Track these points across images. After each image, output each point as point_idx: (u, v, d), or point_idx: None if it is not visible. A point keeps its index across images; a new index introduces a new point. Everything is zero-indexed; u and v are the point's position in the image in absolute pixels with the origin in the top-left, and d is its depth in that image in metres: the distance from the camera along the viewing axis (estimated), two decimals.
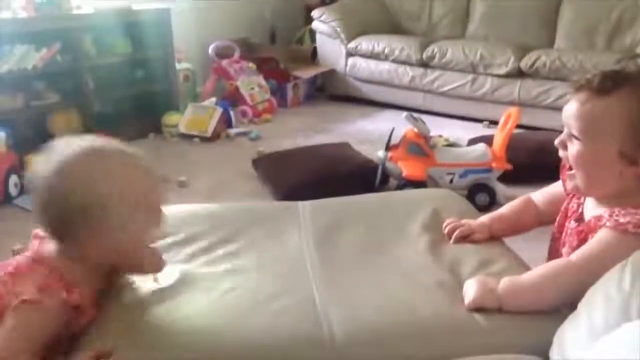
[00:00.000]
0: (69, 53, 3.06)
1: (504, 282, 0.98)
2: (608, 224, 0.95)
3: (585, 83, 0.99)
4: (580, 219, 1.07)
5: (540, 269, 0.99)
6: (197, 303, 1.00)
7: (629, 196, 0.98)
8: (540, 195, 1.24)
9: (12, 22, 2.88)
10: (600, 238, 0.96)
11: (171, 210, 1.37)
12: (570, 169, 1.04)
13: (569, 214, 1.11)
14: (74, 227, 0.94)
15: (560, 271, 0.95)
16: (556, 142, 1.05)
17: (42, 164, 0.96)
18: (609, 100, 0.96)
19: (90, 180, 0.94)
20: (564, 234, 1.11)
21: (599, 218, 0.98)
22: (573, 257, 0.97)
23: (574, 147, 1.00)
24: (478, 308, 0.96)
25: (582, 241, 1.02)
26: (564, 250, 1.08)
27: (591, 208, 1.05)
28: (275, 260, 1.14)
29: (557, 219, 1.15)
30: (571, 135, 1.00)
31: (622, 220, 0.94)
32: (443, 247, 1.17)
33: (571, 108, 1.00)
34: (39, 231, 1.02)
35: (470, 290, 0.98)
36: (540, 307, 0.94)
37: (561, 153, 1.05)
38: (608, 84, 0.96)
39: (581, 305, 0.83)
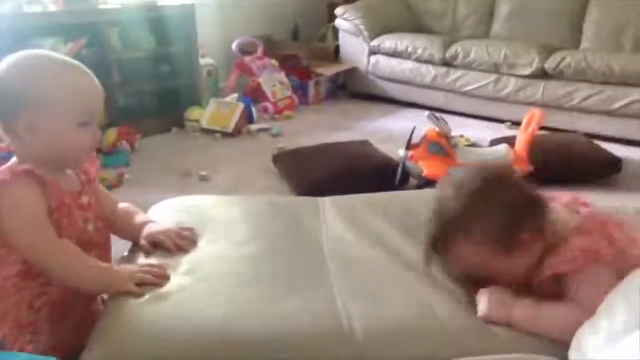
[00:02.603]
0: (95, 47, 3.11)
1: (522, 306, 0.97)
2: (567, 278, 0.97)
3: (430, 249, 1.06)
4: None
5: (557, 310, 0.96)
6: (216, 293, 1.01)
7: (545, 255, 1.00)
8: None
9: (42, 15, 2.94)
10: (576, 291, 0.96)
11: (193, 200, 1.40)
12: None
13: None
14: (8, 116, 1.02)
15: (575, 320, 0.91)
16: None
17: None
18: (454, 252, 1.03)
19: (25, 73, 1.02)
20: None
21: (549, 278, 0.99)
22: (581, 305, 0.94)
23: (486, 281, 1.03)
24: (488, 321, 0.97)
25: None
26: None
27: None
28: (295, 254, 1.15)
29: None
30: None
31: (567, 267, 0.96)
32: None
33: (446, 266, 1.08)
34: None
35: (484, 303, 0.99)
36: (547, 338, 0.94)
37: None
38: (441, 243, 1.04)
39: (601, 309, 0.82)
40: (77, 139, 1.05)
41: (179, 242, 1.16)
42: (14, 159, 1.07)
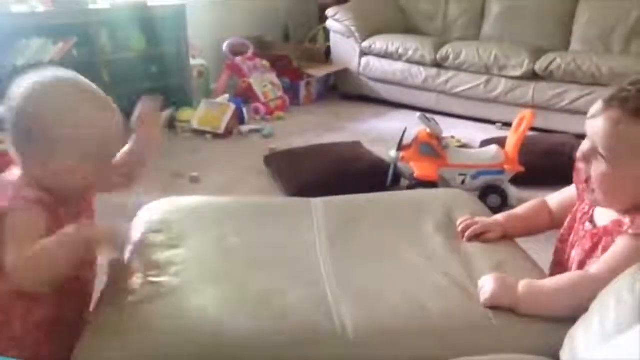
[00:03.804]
0: (85, 47, 3.09)
1: (524, 285, 0.97)
2: (630, 231, 0.95)
3: (619, 101, 0.95)
4: (592, 220, 1.06)
5: (561, 279, 0.98)
6: (209, 294, 1.01)
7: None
8: (555, 198, 1.24)
9: (29, 16, 2.92)
10: (620, 248, 0.94)
11: (183, 201, 1.39)
12: (587, 181, 1.02)
13: (580, 216, 1.10)
14: (20, 146, 1.02)
15: (580, 283, 0.93)
16: (578, 154, 1.03)
17: (15, 87, 1.04)
18: (620, 120, 0.94)
19: (39, 106, 1.01)
20: (572, 235, 1.10)
21: (618, 223, 0.97)
22: (593, 269, 0.95)
23: (599, 167, 0.98)
24: (494, 305, 0.96)
25: (596, 245, 1.01)
26: (575, 252, 1.07)
27: (605, 212, 1.04)
28: (287, 255, 1.15)
29: (567, 220, 1.14)
30: (597, 153, 0.98)
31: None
32: (455, 247, 1.17)
33: (601, 126, 0.97)
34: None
35: (488, 286, 0.98)
36: (554, 315, 0.94)
37: (580, 165, 1.03)
38: (634, 110, 0.93)
39: (593, 307, 0.82)
40: (84, 174, 1.04)
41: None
42: (17, 173, 1.05)
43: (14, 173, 1.06)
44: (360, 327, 0.94)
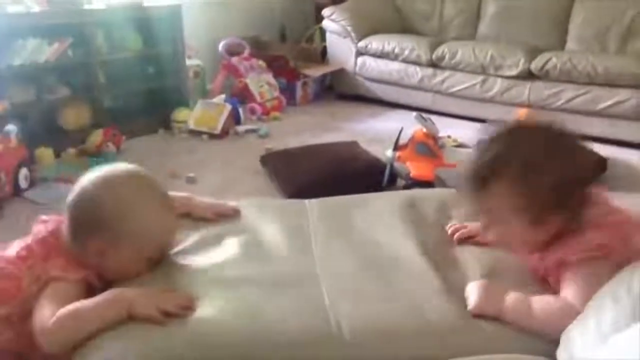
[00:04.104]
0: (81, 48, 3.07)
1: (512, 298, 0.97)
2: (566, 269, 0.97)
3: (466, 181, 1.03)
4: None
5: (552, 304, 0.96)
6: (204, 297, 1.00)
7: (562, 232, 0.99)
8: None
9: (25, 16, 2.91)
10: (573, 283, 0.95)
11: None
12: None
13: None
14: (85, 231, 1.02)
15: (563, 314, 0.91)
16: (481, 234, 1.11)
17: (89, 176, 1.06)
18: (490, 193, 0.99)
19: (117, 199, 1.03)
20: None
21: (552, 262, 1.00)
22: (570, 298, 0.95)
23: (492, 233, 1.04)
24: (479, 314, 0.96)
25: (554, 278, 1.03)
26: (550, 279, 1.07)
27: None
28: (282, 256, 1.14)
29: None
30: (482, 223, 1.06)
31: (576, 256, 0.95)
32: (449, 248, 1.17)
33: (469, 205, 1.06)
34: (44, 217, 1.12)
35: (473, 295, 0.98)
36: (535, 333, 0.93)
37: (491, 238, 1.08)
38: (481, 180, 1.00)
39: (589, 307, 0.83)
40: (138, 269, 1.05)
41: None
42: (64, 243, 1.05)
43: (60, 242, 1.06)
44: (356, 327, 0.93)
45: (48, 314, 0.95)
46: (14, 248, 1.08)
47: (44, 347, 0.94)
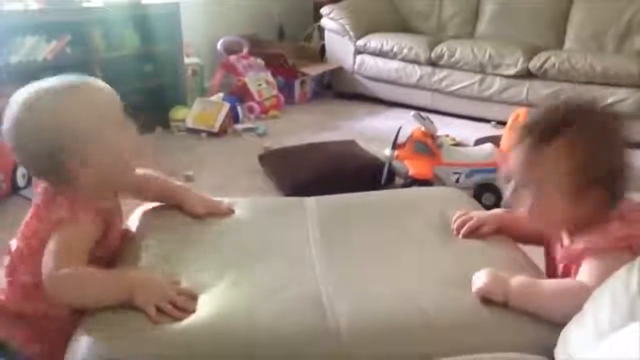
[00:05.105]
0: (79, 46, 3.07)
1: (519, 279, 0.97)
2: (588, 255, 0.97)
3: (527, 129, 1.01)
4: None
5: (559, 283, 0.98)
6: (203, 294, 1.00)
7: (592, 218, 1.00)
8: None
9: (23, 14, 2.90)
10: (593, 268, 0.96)
11: None
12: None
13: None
14: (55, 163, 1.00)
15: (579, 294, 0.91)
16: (504, 203, 1.10)
17: (11, 104, 1.03)
18: (553, 147, 0.98)
19: (58, 116, 1.00)
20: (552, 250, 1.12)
21: (577, 251, 0.99)
22: (586, 280, 0.95)
23: (525, 202, 1.02)
24: (485, 297, 0.96)
25: (569, 266, 1.03)
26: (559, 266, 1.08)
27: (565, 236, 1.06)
28: (280, 254, 1.14)
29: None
30: (518, 189, 1.03)
31: (601, 245, 0.96)
32: (449, 245, 1.17)
33: (515, 159, 1.02)
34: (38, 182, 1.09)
35: (480, 279, 0.98)
36: (543, 316, 0.94)
37: (516, 211, 1.06)
38: (549, 132, 0.98)
39: (587, 306, 0.83)
40: (122, 141, 1.06)
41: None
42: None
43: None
44: (355, 325, 0.93)
45: (51, 265, 0.95)
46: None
47: (49, 293, 0.96)
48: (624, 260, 0.88)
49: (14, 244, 1.08)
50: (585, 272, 0.96)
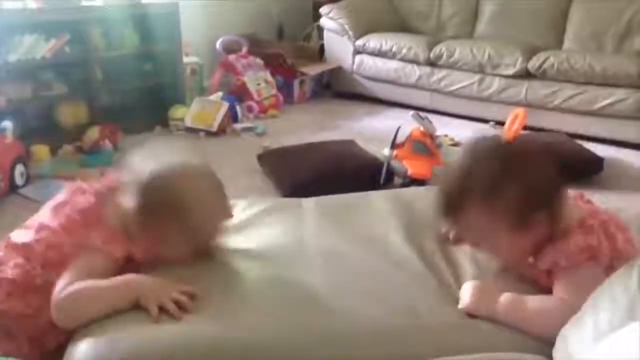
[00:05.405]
0: (78, 44, 3.06)
1: (506, 298, 0.97)
2: (557, 273, 0.98)
3: (443, 213, 1.05)
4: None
5: (546, 302, 0.98)
6: (199, 297, 1.00)
7: (551, 240, 1.00)
8: None
9: (22, 12, 2.90)
10: (567, 284, 0.97)
11: None
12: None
13: None
14: (156, 215, 1.04)
15: (557, 310, 0.93)
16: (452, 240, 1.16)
17: (141, 163, 1.09)
18: (468, 216, 1.01)
19: (194, 193, 1.08)
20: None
21: (549, 268, 1.00)
22: (566, 297, 0.96)
23: (483, 248, 1.07)
24: (472, 313, 0.96)
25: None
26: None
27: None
28: (277, 255, 1.14)
29: None
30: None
31: (567, 260, 0.97)
32: (446, 247, 1.17)
33: (466, 225, 1.05)
34: (83, 185, 1.13)
35: (466, 295, 0.98)
36: (530, 334, 0.94)
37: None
38: (453, 209, 1.02)
39: (586, 306, 0.83)
40: (183, 258, 1.10)
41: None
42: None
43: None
44: (352, 326, 0.93)
45: (62, 286, 0.95)
46: (47, 217, 1.09)
47: (55, 320, 0.96)
48: (592, 270, 0.93)
49: (15, 236, 1.08)
50: (562, 288, 0.97)
